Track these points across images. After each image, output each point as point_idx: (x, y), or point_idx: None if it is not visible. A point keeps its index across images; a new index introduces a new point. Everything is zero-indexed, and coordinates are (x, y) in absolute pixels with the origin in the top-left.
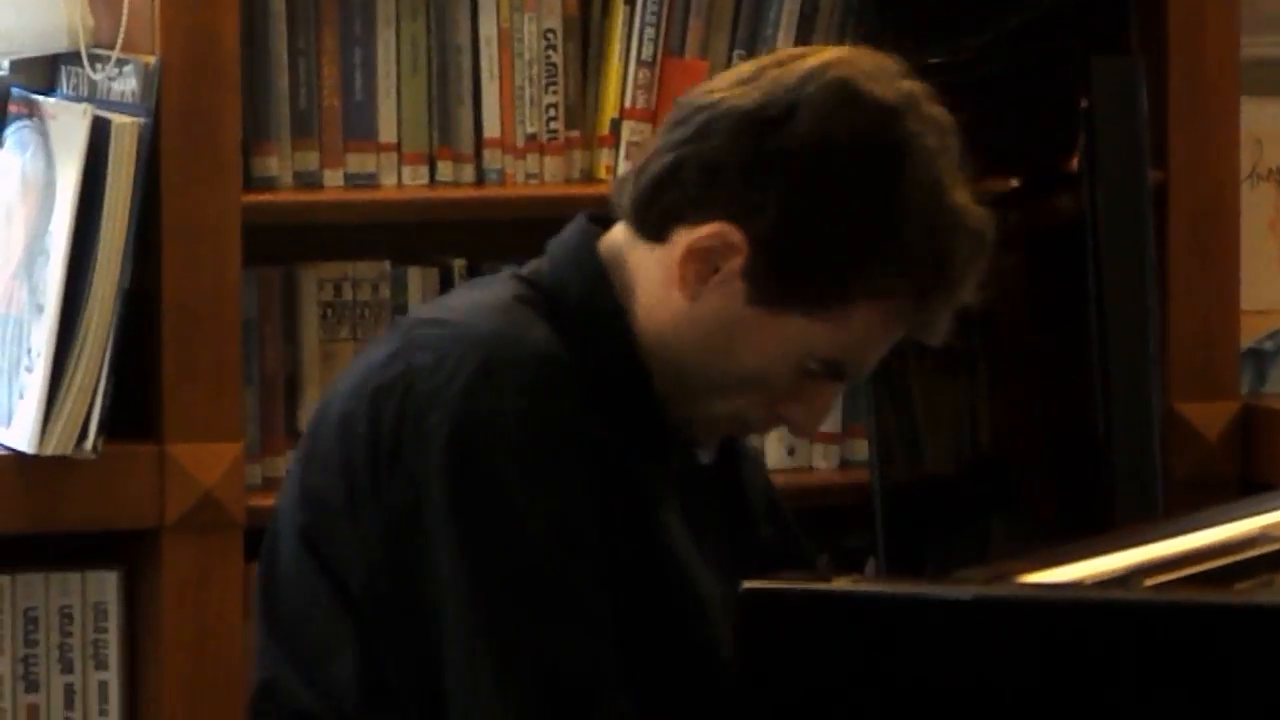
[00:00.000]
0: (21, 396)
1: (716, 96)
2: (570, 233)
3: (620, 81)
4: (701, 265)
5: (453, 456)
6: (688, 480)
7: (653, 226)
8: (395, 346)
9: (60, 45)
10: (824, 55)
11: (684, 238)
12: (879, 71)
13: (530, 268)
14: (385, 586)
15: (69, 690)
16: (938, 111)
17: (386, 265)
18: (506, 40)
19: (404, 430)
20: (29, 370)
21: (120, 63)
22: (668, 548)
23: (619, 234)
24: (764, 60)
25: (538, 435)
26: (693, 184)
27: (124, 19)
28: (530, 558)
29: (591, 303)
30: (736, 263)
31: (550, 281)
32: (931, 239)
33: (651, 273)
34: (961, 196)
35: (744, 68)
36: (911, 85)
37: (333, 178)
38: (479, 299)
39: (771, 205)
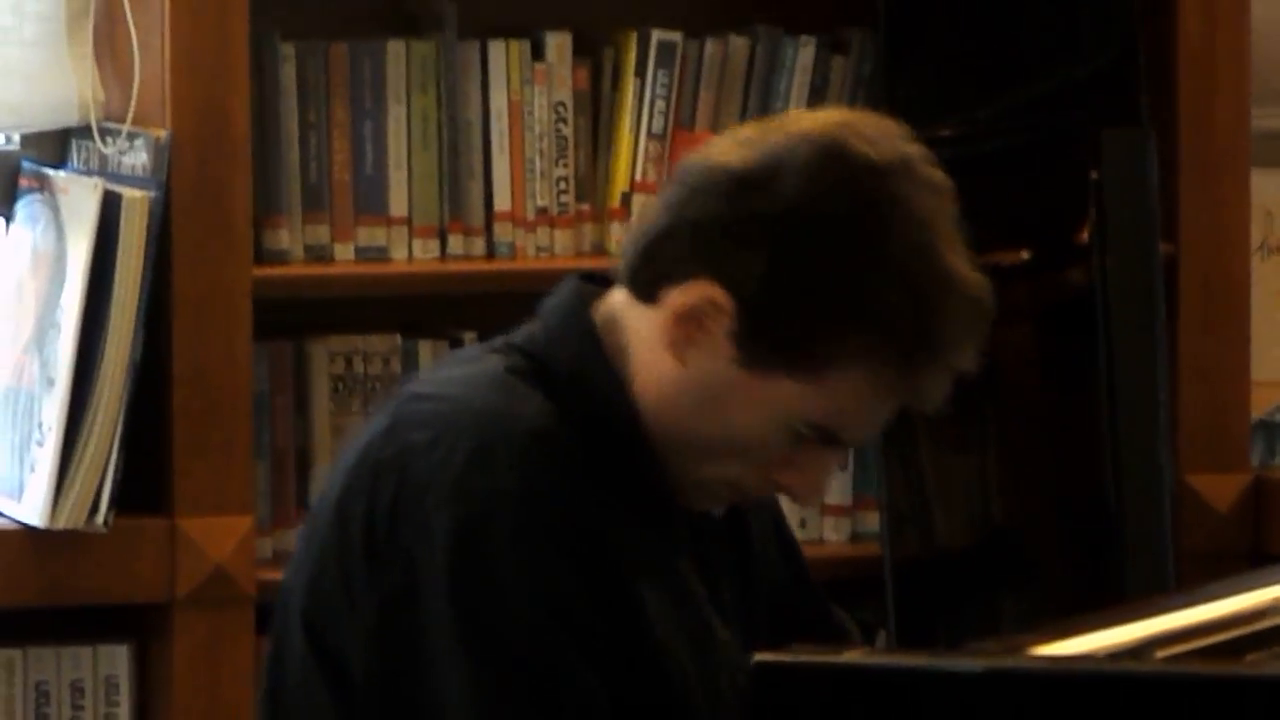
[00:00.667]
0: (33, 470)
1: (712, 158)
2: (561, 295)
3: (631, 154)
4: (689, 327)
5: (450, 544)
6: (700, 531)
7: (645, 287)
8: (390, 422)
9: (71, 119)
10: (821, 117)
11: (674, 299)
12: (876, 134)
13: (523, 333)
14: (382, 674)
15: None
16: (934, 174)
17: (397, 339)
18: (517, 114)
19: (399, 511)
20: (40, 444)
21: (131, 136)
22: (651, 627)
23: (618, 296)
24: (766, 121)
25: (533, 519)
26: (682, 244)
27: (135, 93)
28: (527, 647)
29: (584, 368)
30: (723, 324)
31: (542, 347)
32: (917, 302)
33: (645, 335)
34: (955, 261)
35: (746, 129)
36: (908, 147)
37: (343, 251)
38: (472, 373)
39: (756, 266)
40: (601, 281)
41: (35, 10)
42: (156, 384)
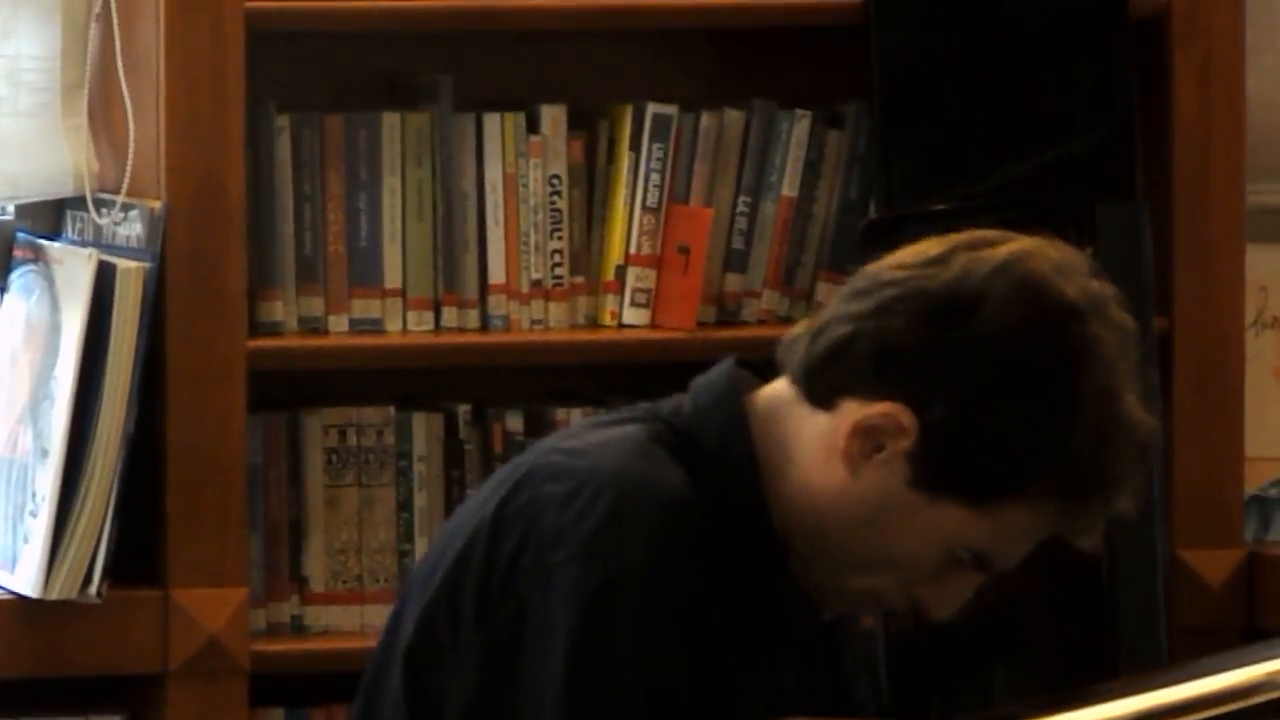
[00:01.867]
0: (26, 541)
1: (903, 274)
2: (716, 376)
3: (625, 227)
4: (867, 442)
5: (570, 602)
6: (805, 632)
7: (820, 394)
8: (524, 473)
9: (65, 190)
10: (1015, 246)
11: (853, 411)
12: (1068, 268)
13: (670, 405)
14: (474, 713)
15: None
16: (1121, 317)
17: (391, 411)
18: (512, 186)
19: (522, 557)
20: (33, 515)
21: (125, 207)
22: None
23: (780, 389)
24: (954, 241)
25: (655, 593)
26: (868, 360)
27: (130, 164)
28: (624, 714)
29: (728, 452)
30: (903, 445)
31: (689, 423)
32: (1099, 446)
33: (811, 438)
34: (1132, 404)
35: (932, 247)
36: (1099, 286)
37: (338, 323)
38: (615, 436)
39: (947, 395)
40: (754, 367)
41: (30, 81)
42: (150, 455)
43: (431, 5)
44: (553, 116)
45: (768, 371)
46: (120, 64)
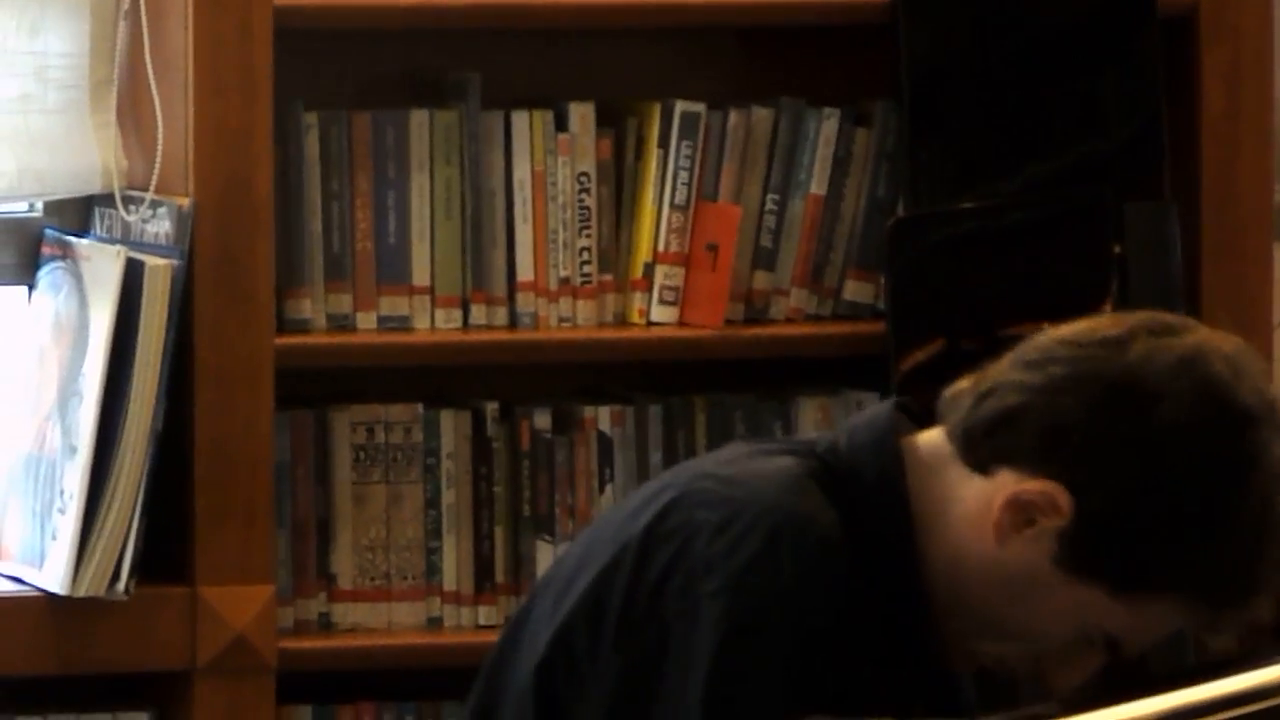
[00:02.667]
0: (54, 538)
1: (1079, 353)
2: (876, 416)
3: (654, 225)
4: (1020, 515)
5: (718, 633)
6: (931, 686)
7: (980, 458)
8: (676, 495)
9: (94, 187)
10: (1195, 338)
11: (1010, 482)
12: (1244, 368)
13: (826, 441)
14: None
15: None
16: None
17: (419, 408)
18: (540, 184)
19: (671, 584)
20: (61, 512)
21: (154, 205)
22: None
23: (938, 442)
24: (1133, 323)
25: (803, 632)
26: (1034, 434)
27: (158, 161)
28: None
29: (883, 495)
30: (1055, 523)
31: (845, 461)
32: (1252, 556)
33: (964, 500)
34: None
35: (1109, 325)
36: (1269, 388)
37: (365, 320)
38: (770, 467)
39: (1109, 484)
40: (912, 411)
41: (59, 78)
42: (178, 452)
43: (460, 3)
44: (581, 114)
45: (924, 418)
46: (149, 61)
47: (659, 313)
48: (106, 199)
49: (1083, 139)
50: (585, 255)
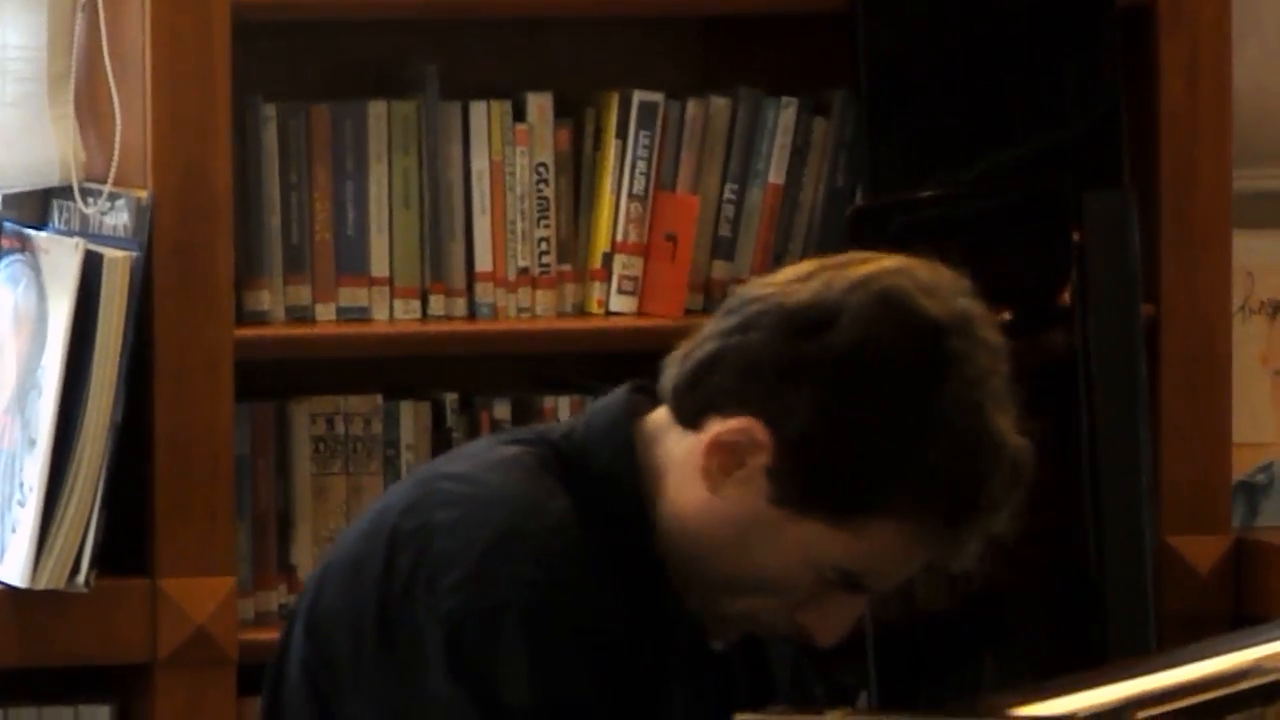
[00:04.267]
0: (14, 531)
1: (768, 290)
2: (611, 401)
3: (612, 215)
4: (726, 458)
5: (462, 626)
6: (699, 661)
7: (689, 413)
8: (416, 496)
9: (52, 179)
10: (882, 264)
11: (714, 427)
12: (935, 287)
13: (562, 428)
14: None
15: None
16: (990, 334)
17: (379, 399)
18: (498, 174)
19: (415, 587)
20: (21, 505)
21: (112, 197)
22: None
23: (661, 413)
24: (826, 261)
25: (550, 610)
26: (729, 375)
27: (116, 154)
28: None
29: (614, 478)
30: (761, 460)
31: (580, 447)
32: (964, 463)
33: (680, 459)
34: (1004, 423)
35: (805, 265)
36: (968, 304)
37: (325, 312)
38: (505, 457)
39: (802, 409)
40: (652, 393)
41: (16, 71)
42: (138, 445)
43: None
44: (539, 105)
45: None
46: (106, 54)
47: (618, 303)
48: (65, 192)
49: (1042, 128)
50: (544, 246)
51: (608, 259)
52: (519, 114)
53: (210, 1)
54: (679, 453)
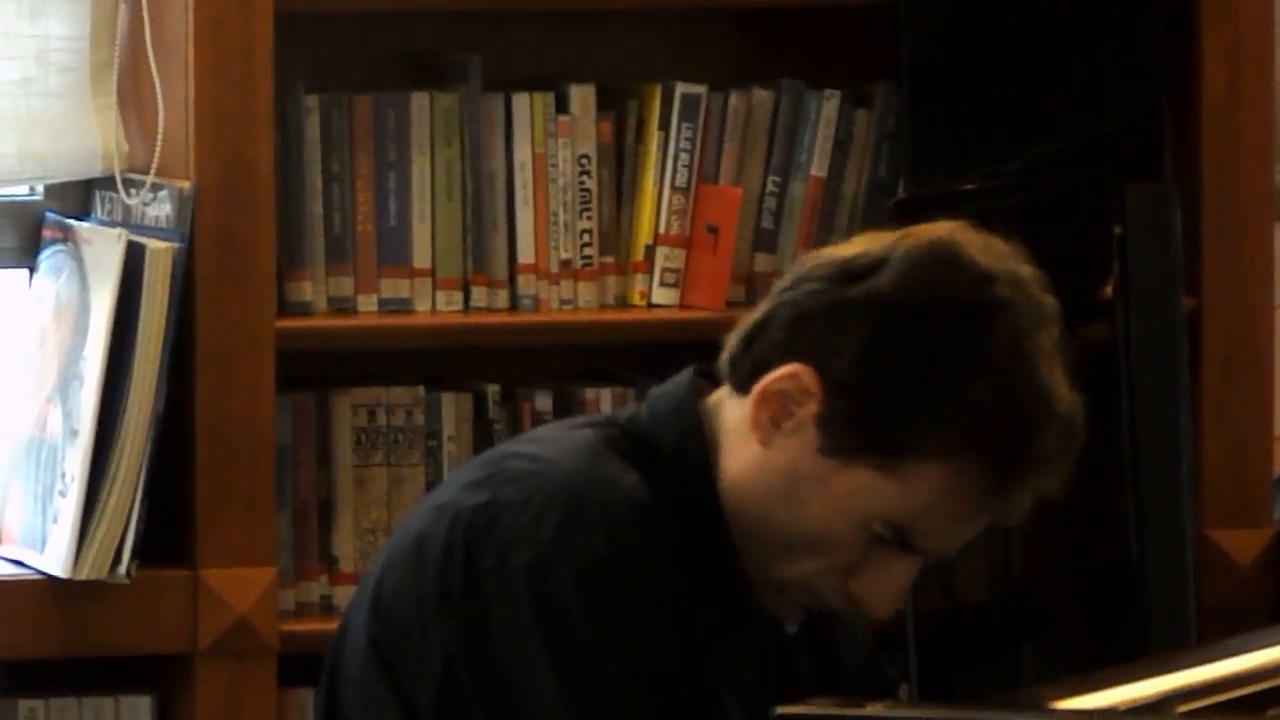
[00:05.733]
0: (55, 521)
1: (824, 260)
2: (675, 384)
3: (654, 207)
4: (776, 409)
5: (538, 598)
6: (770, 643)
7: (743, 376)
8: (483, 474)
9: (95, 170)
10: (942, 226)
11: (763, 382)
12: (990, 247)
13: (627, 413)
14: (455, 710)
15: None
16: (1043, 296)
17: (420, 391)
18: (541, 166)
19: (482, 563)
20: (63, 495)
21: (155, 188)
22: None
23: (723, 392)
24: (880, 233)
25: (622, 580)
26: (780, 330)
27: (158, 144)
28: (616, 701)
29: (684, 458)
30: (810, 408)
31: (647, 430)
32: (1010, 405)
33: (734, 422)
34: (1053, 376)
35: (877, 235)
36: (1020, 266)
37: (366, 303)
38: (572, 440)
39: (850, 350)
40: (713, 376)
41: (59, 61)
42: (179, 435)
43: None
44: (582, 96)
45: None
46: (149, 44)
47: (660, 294)
48: (107, 182)
49: (1083, 120)
50: (586, 238)
51: (650, 251)
52: (561, 105)
53: None
54: (734, 417)
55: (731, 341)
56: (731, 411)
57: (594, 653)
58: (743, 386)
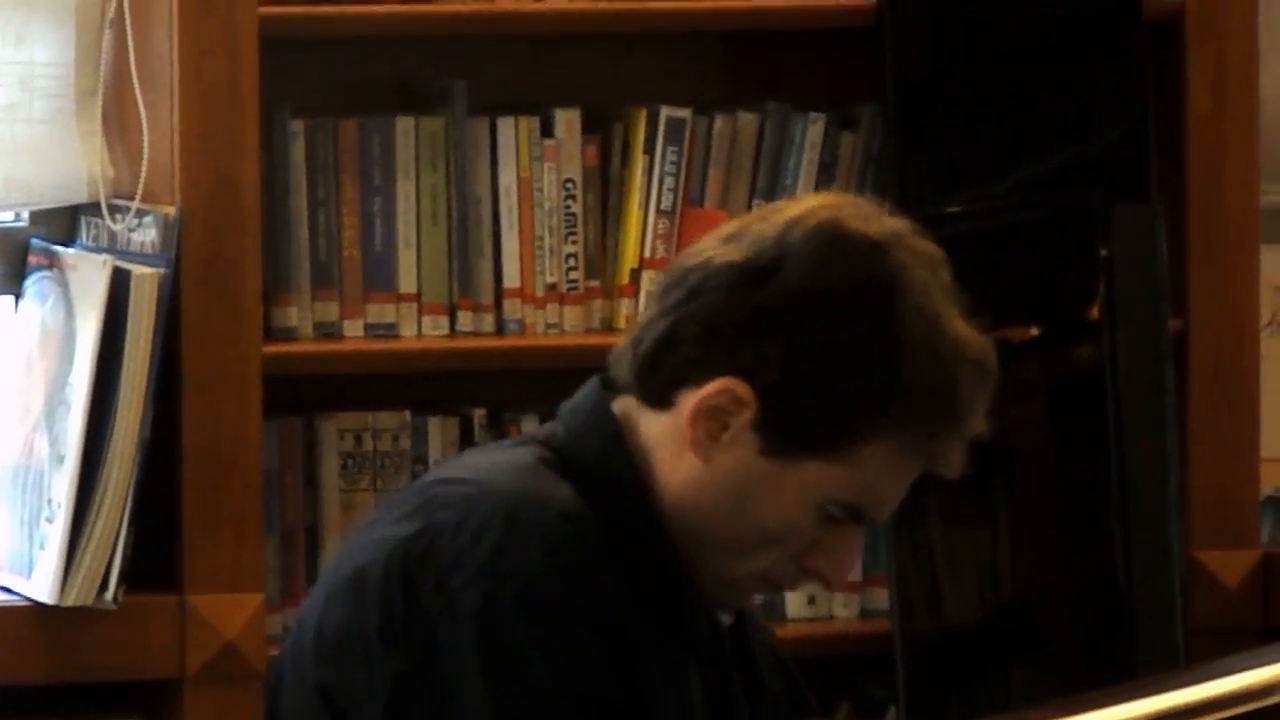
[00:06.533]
0: (43, 547)
1: (704, 256)
2: (584, 396)
3: (640, 231)
4: (711, 423)
5: (479, 621)
6: (708, 642)
7: (657, 393)
8: (414, 504)
9: (80, 196)
10: (805, 203)
11: (690, 399)
12: (861, 211)
13: (545, 432)
14: None
15: None
16: (925, 244)
17: (407, 415)
18: (526, 190)
19: (421, 589)
20: (50, 521)
21: (140, 213)
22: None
23: (626, 402)
24: (747, 217)
25: (562, 598)
26: (692, 345)
27: (144, 170)
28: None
29: (608, 466)
30: (745, 417)
31: (567, 445)
32: (934, 371)
33: (662, 439)
34: (959, 326)
35: (727, 225)
36: (895, 222)
37: (353, 328)
38: (499, 460)
39: (774, 355)
40: (615, 386)
41: (44, 87)
42: (166, 460)
43: (444, 10)
44: (567, 120)
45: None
46: (134, 70)
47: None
48: (93, 208)
49: (1069, 142)
50: (571, 261)
51: (635, 275)
52: (546, 129)
53: (238, 17)
54: (657, 433)
55: (627, 357)
56: (651, 425)
57: (533, 671)
58: (658, 402)
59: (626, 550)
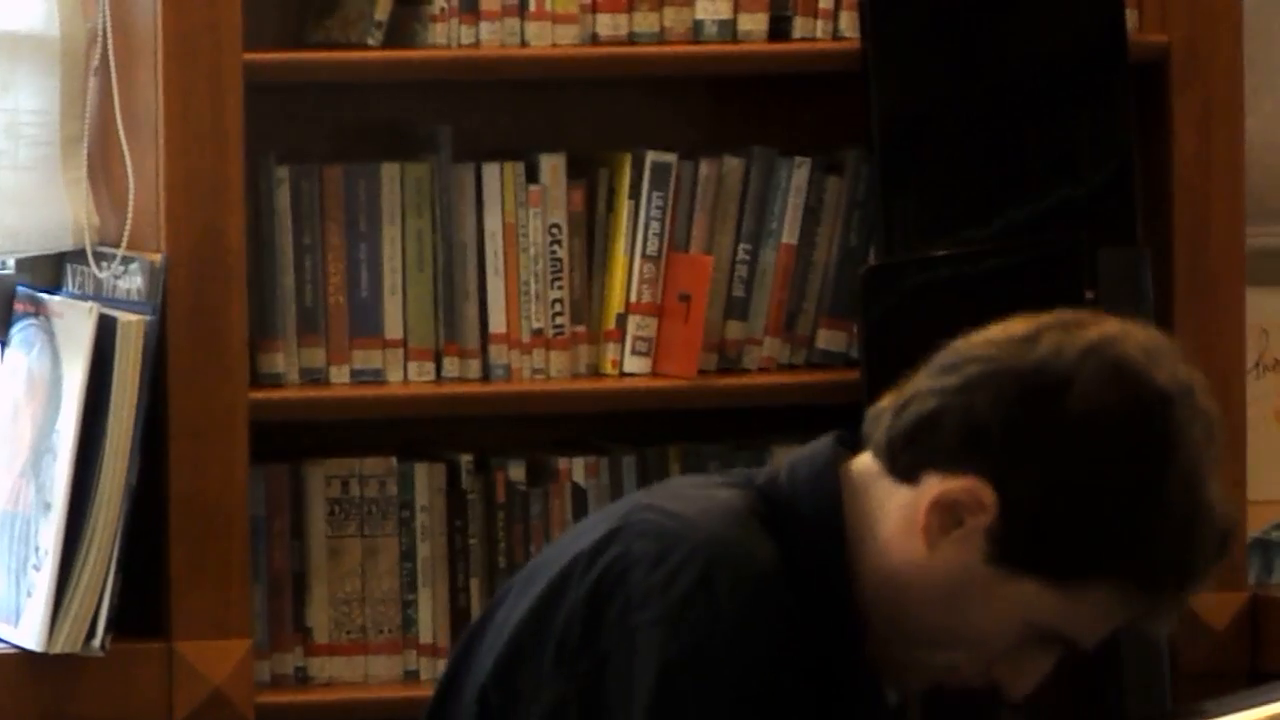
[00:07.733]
0: (30, 595)
1: (991, 352)
2: (815, 451)
3: (625, 276)
4: (946, 516)
5: (659, 663)
6: (873, 715)
7: (904, 467)
8: (615, 525)
9: (66, 243)
10: (1105, 328)
11: (934, 485)
12: (1159, 353)
13: (765, 475)
14: None
15: None
16: (1207, 404)
17: (393, 461)
18: (512, 236)
19: (608, 614)
20: (37, 569)
21: (126, 260)
22: None
23: (867, 463)
24: (1043, 320)
25: (739, 660)
26: (953, 435)
27: (129, 217)
28: None
29: (819, 527)
30: (982, 521)
31: (784, 495)
32: (1183, 544)
33: (893, 511)
34: (1215, 493)
35: (1021, 326)
36: (1188, 373)
37: (339, 374)
38: (710, 500)
39: (1031, 474)
40: (851, 444)
41: (30, 135)
42: (153, 507)
43: (429, 55)
44: (552, 165)
45: (862, 447)
46: (119, 117)
47: (632, 363)
48: (78, 255)
49: (1055, 185)
50: (557, 306)
51: (621, 319)
52: (532, 175)
53: (223, 64)
54: (891, 505)
55: (885, 421)
56: (887, 495)
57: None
58: (902, 476)
59: (816, 612)
